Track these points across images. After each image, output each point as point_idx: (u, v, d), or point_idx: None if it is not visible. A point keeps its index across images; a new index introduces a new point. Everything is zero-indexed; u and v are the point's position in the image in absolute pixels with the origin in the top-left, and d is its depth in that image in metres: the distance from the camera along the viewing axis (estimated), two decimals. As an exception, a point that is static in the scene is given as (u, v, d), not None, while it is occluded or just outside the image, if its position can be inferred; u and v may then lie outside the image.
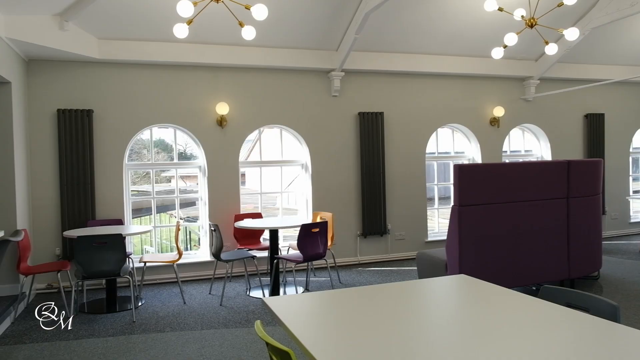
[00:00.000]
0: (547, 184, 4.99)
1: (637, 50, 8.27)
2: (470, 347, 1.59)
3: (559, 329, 1.74)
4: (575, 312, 1.91)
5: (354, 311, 2.03)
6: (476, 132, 7.90)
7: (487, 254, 4.72)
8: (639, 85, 9.12)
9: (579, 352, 1.52)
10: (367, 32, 6.49)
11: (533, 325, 1.79)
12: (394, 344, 1.64)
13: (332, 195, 7.06)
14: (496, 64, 7.68)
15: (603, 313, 1.91)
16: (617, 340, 1.61)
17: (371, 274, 6.51)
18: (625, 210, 9.09)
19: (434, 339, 1.69)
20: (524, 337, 1.67)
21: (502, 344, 1.62)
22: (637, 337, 1.62)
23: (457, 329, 1.79)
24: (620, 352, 1.51)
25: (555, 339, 1.65)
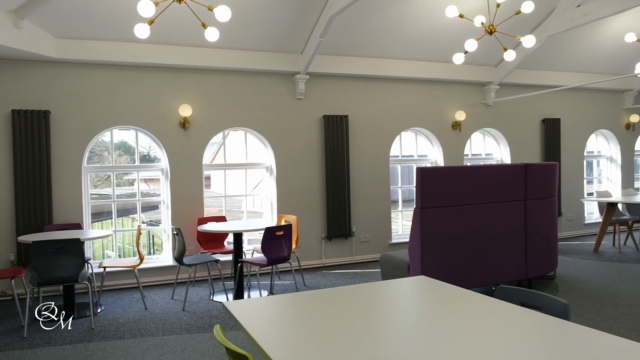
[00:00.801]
0: (506, 186, 5.13)
1: (590, 58, 8.61)
2: (428, 347, 1.62)
3: (513, 328, 1.79)
4: (529, 311, 1.97)
5: (315, 314, 2.03)
6: (439, 135, 8.05)
7: (449, 255, 4.82)
8: (592, 92, 9.49)
9: (532, 350, 1.57)
10: (332, 36, 6.53)
11: (489, 324, 1.84)
12: (354, 346, 1.65)
13: (297, 198, 7.06)
14: (458, 69, 7.86)
15: (555, 311, 1.97)
16: (567, 337, 1.67)
17: (336, 277, 6.54)
18: (580, 212, 9.43)
19: (394, 340, 1.71)
20: (480, 336, 1.71)
21: (459, 343, 1.65)
22: (585, 334, 1.68)
23: (416, 329, 1.82)
24: (569, 349, 1.57)
25: (509, 337, 1.69)
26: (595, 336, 1.66)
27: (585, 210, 9.57)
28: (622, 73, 9.16)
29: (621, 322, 4.32)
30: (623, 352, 1.52)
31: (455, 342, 1.66)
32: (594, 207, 9.74)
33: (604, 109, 9.66)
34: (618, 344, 1.59)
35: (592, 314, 4.58)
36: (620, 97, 9.85)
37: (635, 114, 9.90)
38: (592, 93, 9.51)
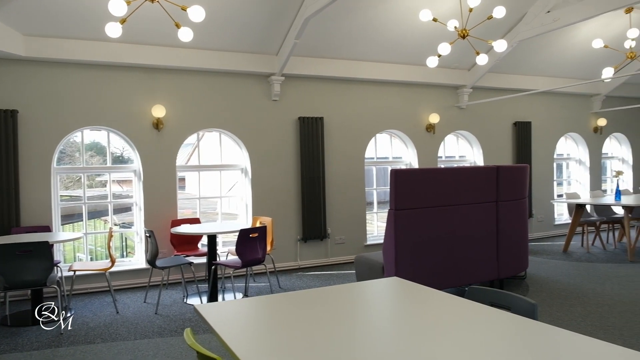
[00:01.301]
0: (478, 188, 5.21)
1: (559, 63, 8.82)
2: (400, 348, 1.63)
3: (483, 328, 1.81)
4: (498, 311, 2.00)
5: (289, 316, 2.03)
6: (413, 137, 8.13)
7: (423, 256, 4.86)
8: (561, 96, 9.72)
9: (501, 349, 1.60)
10: (307, 38, 6.54)
11: (459, 324, 1.86)
12: (326, 348, 1.65)
13: (272, 200, 7.03)
14: (432, 72, 7.95)
15: (523, 311, 2.01)
16: (535, 336, 1.71)
17: (311, 278, 6.53)
18: (550, 213, 9.65)
19: (367, 341, 1.72)
20: (450, 336, 1.73)
21: (430, 343, 1.67)
22: (552, 333, 1.72)
23: (388, 330, 1.83)
24: (537, 348, 1.60)
25: (479, 337, 1.72)
26: (561, 335, 1.70)
27: (555, 211, 9.79)
28: (590, 78, 9.41)
29: (589, 321, 4.43)
30: (588, 350, 1.55)
31: (426, 343, 1.67)
32: (564, 208, 9.97)
33: (573, 113, 9.91)
34: (583, 342, 1.63)
35: (561, 313, 4.68)
36: (589, 101, 10.11)
37: (603, 117, 10.18)
38: (562, 97, 9.74)
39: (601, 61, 8.89)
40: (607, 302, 4.97)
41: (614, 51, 8.21)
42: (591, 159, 10.18)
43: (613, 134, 10.63)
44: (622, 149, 11.01)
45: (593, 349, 1.56)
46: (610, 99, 10.31)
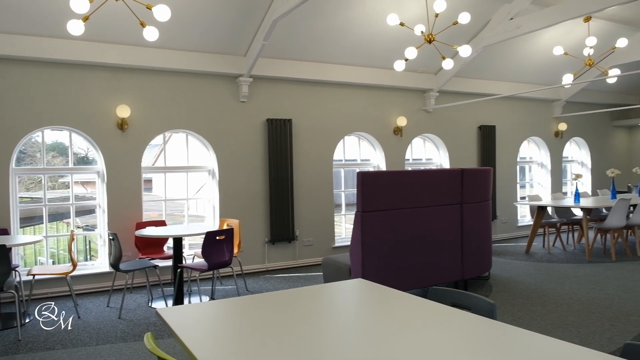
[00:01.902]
0: (444, 190, 5.30)
1: (522, 68, 9.06)
2: (363, 348, 1.65)
3: (443, 328, 1.85)
4: (459, 311, 2.04)
5: (252, 319, 2.02)
6: (381, 140, 8.21)
7: (389, 257, 4.91)
8: (524, 101, 9.99)
9: (460, 348, 1.63)
10: (276, 39, 6.53)
11: (421, 324, 1.89)
12: (289, 349, 1.65)
13: (239, 202, 6.98)
14: (399, 75, 8.05)
15: (483, 311, 2.06)
16: (493, 335, 1.75)
17: (279, 281, 6.52)
18: (514, 215, 9.89)
19: (330, 343, 1.72)
20: (412, 337, 1.75)
21: (393, 344, 1.69)
22: (509, 332, 1.77)
23: (352, 331, 1.84)
24: (494, 346, 1.64)
25: (440, 336, 1.75)
26: (518, 333, 1.75)
27: (518, 213, 10.04)
28: (551, 84, 9.70)
29: (548, 320, 4.56)
30: (543, 348, 1.60)
31: (389, 343, 1.69)
32: (526, 210, 10.23)
33: (536, 118, 10.19)
34: (539, 340, 1.67)
35: (522, 313, 4.80)
36: (550, 107, 10.42)
37: (563, 122, 10.51)
38: (525, 102, 10.00)
39: (562, 68, 9.18)
40: (565, 301, 5.13)
41: (573, 58, 8.48)
42: (552, 162, 10.49)
43: (573, 138, 10.99)
44: (582, 153, 11.39)
45: (547, 347, 1.61)
46: (571, 105, 10.65)
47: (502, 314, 4.78)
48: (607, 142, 11.66)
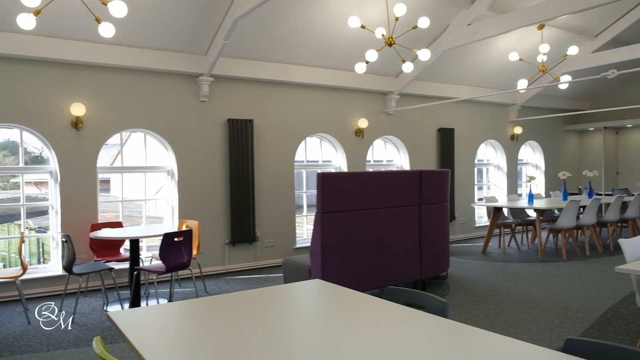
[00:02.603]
0: (402, 192, 5.38)
1: (480, 73, 9.30)
2: (318, 349, 1.65)
3: (397, 327, 1.87)
4: (413, 310, 2.08)
5: (208, 321, 1.99)
6: (342, 141, 8.27)
7: (349, 258, 4.95)
8: (481, 105, 10.26)
9: (412, 346, 1.66)
10: (237, 39, 6.48)
11: (375, 324, 1.91)
12: (243, 351, 1.64)
13: (199, 203, 6.89)
14: (361, 78, 8.13)
15: (435, 310, 2.10)
16: (444, 333, 1.79)
17: (239, 282, 6.46)
18: (471, 216, 10.14)
19: (285, 344, 1.72)
20: (366, 336, 1.77)
21: (348, 343, 1.70)
22: (459, 330, 1.81)
23: (307, 332, 1.85)
24: (444, 344, 1.67)
25: (393, 335, 1.77)
26: (468, 331, 1.79)
27: (476, 214, 10.30)
28: (507, 88, 10.00)
29: (501, 317, 4.69)
30: (492, 345, 1.65)
31: (342, 343, 1.70)
32: (483, 211, 10.51)
33: (492, 121, 10.48)
34: (487, 337, 1.72)
35: (477, 311, 4.93)
36: (506, 111, 10.74)
37: (519, 126, 10.85)
38: (482, 106, 10.27)
39: (517, 73, 9.48)
40: (518, 299, 5.29)
41: (528, 64, 8.77)
42: (508, 164, 10.81)
43: (528, 141, 11.36)
44: (536, 156, 11.78)
45: (495, 344, 1.66)
46: (525, 109, 11.01)
47: (458, 312, 4.89)
48: (559, 145, 12.11)
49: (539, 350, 1.56)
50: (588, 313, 4.78)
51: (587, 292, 5.56)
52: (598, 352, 1.52)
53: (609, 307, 4.96)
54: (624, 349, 1.48)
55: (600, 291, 5.57)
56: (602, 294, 5.43)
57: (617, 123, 11.37)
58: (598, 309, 4.91)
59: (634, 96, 11.35)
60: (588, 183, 9.44)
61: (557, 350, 1.57)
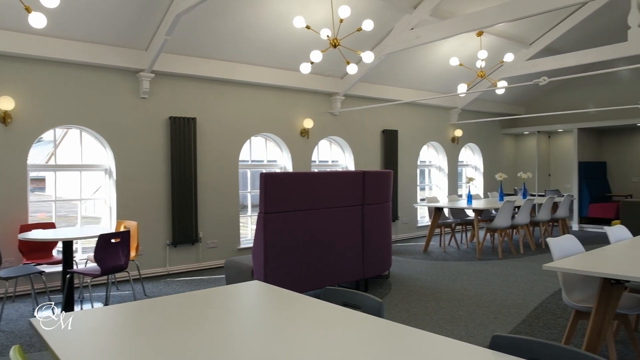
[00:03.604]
0: (346, 192, 5.43)
1: (422, 76, 9.54)
2: (252, 351, 1.62)
3: (333, 327, 1.88)
4: (349, 311, 2.09)
5: (141, 325, 1.92)
6: (287, 141, 8.25)
7: (292, 258, 4.94)
8: (424, 107, 10.52)
9: (346, 347, 1.66)
10: (180, 35, 6.32)
11: (312, 325, 1.90)
12: (174, 356, 1.59)
13: (139, 203, 6.67)
14: (306, 78, 8.14)
15: (371, 309, 2.12)
16: (377, 332, 1.81)
17: (180, 284, 6.31)
18: (414, 216, 10.38)
19: (219, 346, 1.68)
20: (301, 337, 1.76)
21: (282, 345, 1.68)
22: (392, 329, 1.83)
23: (242, 334, 1.81)
24: (378, 343, 1.69)
25: (329, 336, 1.77)
26: (399, 330, 1.82)
27: (418, 214, 10.56)
28: (448, 92, 10.31)
29: (440, 315, 4.82)
30: (423, 343, 1.68)
31: (279, 345, 1.69)
32: (426, 211, 10.79)
33: (434, 124, 10.78)
34: (419, 335, 1.75)
35: (417, 309, 5.04)
36: (447, 114, 11.08)
37: (459, 129, 11.22)
38: (425, 108, 10.55)
39: (457, 77, 9.79)
40: (457, 297, 5.46)
41: (467, 69, 9.08)
42: (449, 166, 11.16)
43: (468, 143, 11.76)
44: (475, 158, 12.22)
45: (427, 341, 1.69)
46: (466, 112, 11.39)
47: (398, 310, 4.98)
48: (497, 148, 12.62)
49: (467, 347, 1.61)
50: (520, 309, 4.99)
51: (520, 288, 5.81)
52: (522, 348, 1.58)
53: (539, 302, 5.21)
54: (545, 344, 1.55)
55: (532, 288, 5.84)
56: (534, 291, 5.70)
57: (549, 128, 11.98)
58: (529, 304, 5.14)
59: (564, 102, 12.01)
60: (523, 184, 9.89)
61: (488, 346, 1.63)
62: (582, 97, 11.78)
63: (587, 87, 11.70)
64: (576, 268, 2.89)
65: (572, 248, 3.46)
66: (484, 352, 1.56)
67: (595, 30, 9.60)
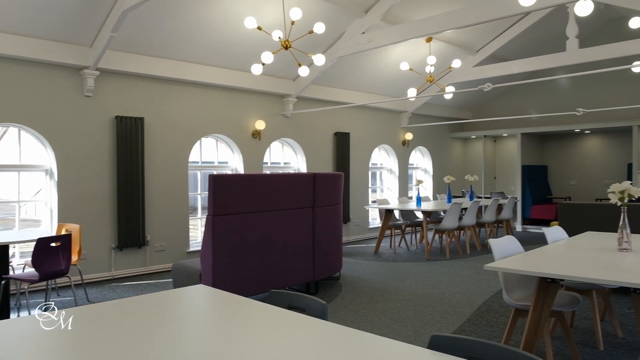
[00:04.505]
0: (296, 194, 5.42)
1: (374, 80, 9.68)
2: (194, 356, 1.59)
3: (277, 331, 1.86)
4: (293, 313, 2.08)
5: (79, 332, 1.84)
6: (239, 143, 8.16)
7: (241, 261, 4.88)
8: (376, 111, 10.68)
9: (289, 350, 1.65)
10: (128, 32, 6.14)
11: (256, 329, 1.88)
12: (104, 366, 1.53)
13: (82, 205, 6.42)
14: (258, 79, 8.08)
15: (316, 312, 2.12)
16: (321, 335, 1.81)
17: (125, 289, 6.11)
18: (365, 218, 10.50)
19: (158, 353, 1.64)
20: (246, 342, 1.74)
21: (227, 350, 1.65)
22: (335, 331, 1.84)
23: (186, 340, 1.77)
24: (321, 346, 1.69)
25: (273, 340, 1.76)
26: (341, 332, 1.83)
27: (370, 216, 10.69)
28: (399, 96, 10.51)
29: (388, 315, 4.90)
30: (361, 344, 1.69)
31: (222, 351, 1.66)
32: (377, 213, 10.93)
33: (386, 127, 10.96)
34: (359, 336, 1.77)
35: (366, 310, 5.10)
36: (398, 117, 11.28)
37: (409, 132, 11.45)
38: (376, 112, 10.70)
39: (408, 82, 9.99)
40: (405, 297, 5.56)
41: (417, 74, 9.28)
42: (400, 168, 11.37)
43: (418, 147, 12.02)
44: (425, 161, 12.51)
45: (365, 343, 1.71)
46: (416, 116, 11.65)
47: (348, 312, 5.02)
48: (446, 151, 12.97)
49: (406, 348, 1.63)
50: (465, 308, 5.14)
51: (466, 288, 5.98)
52: (459, 347, 1.62)
53: (483, 301, 5.38)
54: (481, 343, 1.59)
55: (477, 287, 6.02)
56: (479, 290, 5.88)
57: (495, 132, 12.42)
58: (474, 303, 5.30)
59: (509, 108, 12.49)
60: (470, 187, 10.20)
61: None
62: (525, 104, 12.29)
63: (530, 94, 12.22)
64: (515, 268, 3.00)
65: (512, 248, 3.59)
66: (422, 352, 1.59)
67: (537, 39, 10.05)
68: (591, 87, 11.25)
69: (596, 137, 11.99)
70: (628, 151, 11.02)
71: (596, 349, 3.89)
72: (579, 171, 12.24)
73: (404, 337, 4.24)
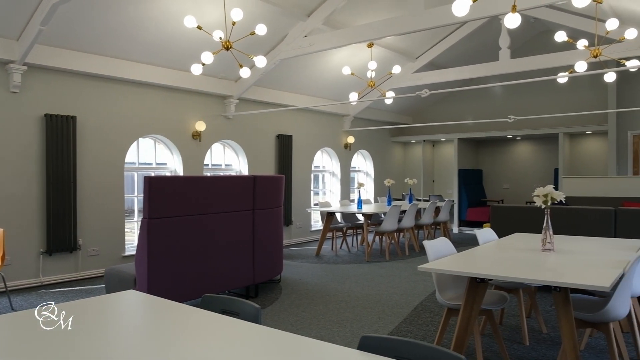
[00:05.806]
0: (236, 197, 5.36)
1: (316, 83, 9.75)
2: (109, 369, 1.53)
3: (210, 336, 1.83)
4: (227, 318, 2.05)
5: (-18, 346, 1.73)
6: (178, 144, 7.97)
7: (178, 266, 4.77)
8: (318, 114, 10.75)
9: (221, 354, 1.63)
10: (58, 26, 5.85)
11: (188, 334, 1.84)
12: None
13: (7, 208, 6.05)
14: (198, 80, 7.94)
15: (249, 316, 2.11)
16: (254, 339, 1.79)
17: (55, 296, 5.82)
18: (308, 220, 10.54)
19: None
20: (177, 348, 1.69)
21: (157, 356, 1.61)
22: (267, 334, 1.83)
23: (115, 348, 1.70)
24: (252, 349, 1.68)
25: (204, 346, 1.72)
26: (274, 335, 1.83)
27: (312, 218, 10.73)
28: (341, 100, 10.63)
29: (328, 317, 4.93)
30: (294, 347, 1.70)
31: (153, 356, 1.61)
32: (319, 215, 10.99)
33: (328, 130, 11.05)
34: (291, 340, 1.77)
35: (306, 312, 5.11)
36: (341, 121, 11.42)
37: (352, 135, 11.61)
38: (319, 115, 10.77)
39: (350, 86, 10.13)
40: (344, 299, 5.62)
41: (358, 79, 9.43)
42: (342, 171, 11.50)
43: (360, 150, 12.21)
44: (367, 164, 12.72)
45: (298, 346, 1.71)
46: (358, 120, 11.82)
47: (287, 315, 5.01)
48: (386, 155, 13.25)
49: (336, 349, 1.65)
50: (402, 308, 5.26)
51: (404, 289, 6.13)
52: (388, 347, 1.66)
53: (419, 301, 5.53)
54: (409, 342, 1.63)
55: (414, 287, 6.18)
56: (416, 290, 6.04)
57: (433, 137, 12.82)
58: (411, 303, 5.44)
59: (446, 114, 12.93)
60: (409, 190, 10.47)
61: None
62: (462, 110, 12.77)
63: (466, 101, 12.71)
64: (446, 268, 3.11)
65: (445, 250, 3.72)
66: (352, 353, 1.61)
67: (473, 49, 10.48)
68: (522, 96, 11.85)
69: (527, 143, 12.65)
70: (555, 156, 11.70)
71: (522, 344, 4.09)
72: (511, 175, 12.86)
73: (342, 338, 4.28)
